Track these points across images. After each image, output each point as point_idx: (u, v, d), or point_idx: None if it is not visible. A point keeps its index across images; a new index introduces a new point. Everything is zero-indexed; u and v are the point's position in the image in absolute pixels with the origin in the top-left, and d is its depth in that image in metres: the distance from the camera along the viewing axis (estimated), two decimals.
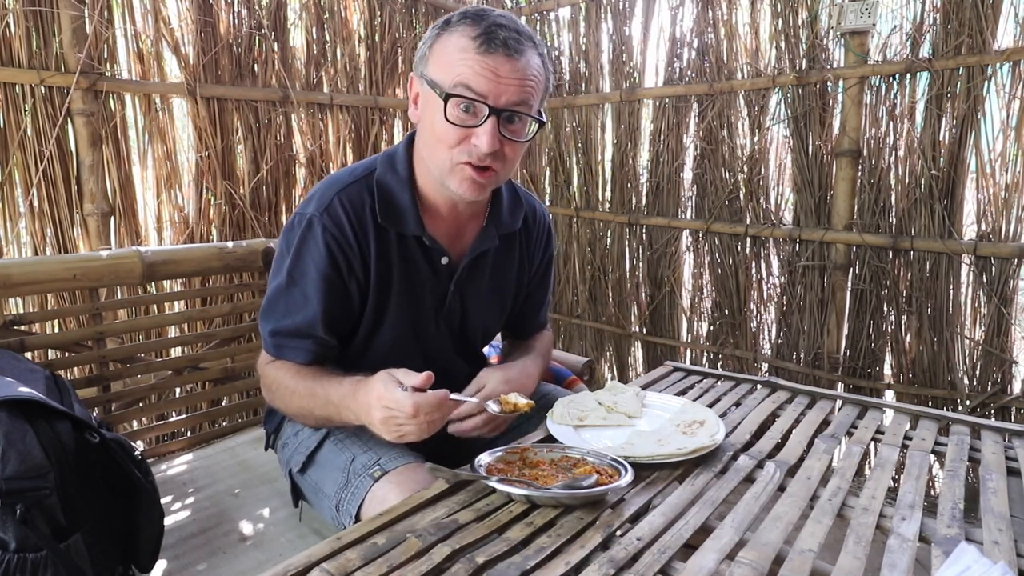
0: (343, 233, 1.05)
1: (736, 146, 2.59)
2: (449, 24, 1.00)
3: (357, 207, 1.07)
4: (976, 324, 2.17)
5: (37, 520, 0.86)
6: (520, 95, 0.98)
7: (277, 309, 1.09)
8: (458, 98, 0.96)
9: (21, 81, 1.82)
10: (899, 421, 1.17)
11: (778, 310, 2.60)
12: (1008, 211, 2.04)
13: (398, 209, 1.09)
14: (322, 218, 1.05)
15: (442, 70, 0.98)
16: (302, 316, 1.07)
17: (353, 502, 1.02)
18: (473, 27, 0.97)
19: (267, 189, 2.42)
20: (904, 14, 2.15)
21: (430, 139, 1.03)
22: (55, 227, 1.93)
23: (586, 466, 0.92)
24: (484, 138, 0.97)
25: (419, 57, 1.05)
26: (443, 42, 0.99)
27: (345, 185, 1.08)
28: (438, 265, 1.14)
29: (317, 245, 1.05)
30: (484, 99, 0.96)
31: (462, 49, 0.96)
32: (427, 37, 1.03)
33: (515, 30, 0.98)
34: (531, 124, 1.03)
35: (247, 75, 2.31)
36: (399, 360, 1.08)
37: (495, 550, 0.73)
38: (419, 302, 1.15)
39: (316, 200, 1.07)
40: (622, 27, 2.84)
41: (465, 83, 0.96)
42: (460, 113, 0.98)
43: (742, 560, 0.73)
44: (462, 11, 1.00)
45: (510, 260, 1.25)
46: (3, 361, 1.14)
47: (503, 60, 0.96)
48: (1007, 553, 0.76)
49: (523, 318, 1.35)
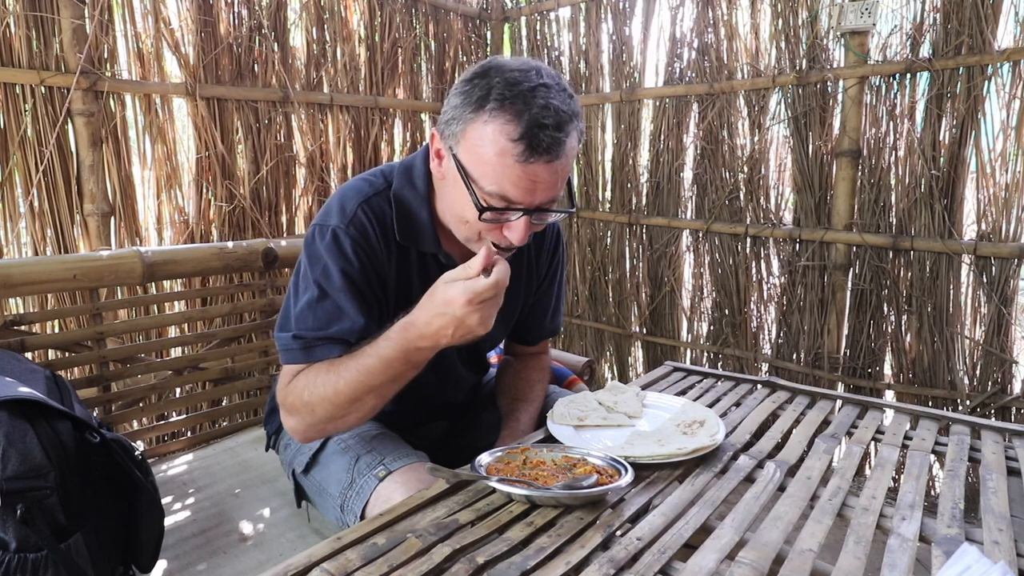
0: (369, 243, 1.03)
1: (736, 146, 2.59)
2: (486, 104, 0.88)
3: (380, 218, 1.05)
4: (976, 324, 2.18)
5: (37, 520, 0.86)
6: (554, 193, 0.94)
7: (306, 322, 1.01)
8: (495, 209, 0.92)
9: (21, 81, 1.82)
10: (899, 421, 1.17)
11: (778, 310, 2.60)
12: (1008, 211, 2.04)
13: (416, 226, 1.07)
14: (348, 229, 1.02)
15: (477, 168, 0.90)
16: (337, 327, 1.00)
17: (358, 502, 1.02)
18: (514, 124, 0.87)
19: (267, 189, 2.42)
20: (904, 14, 2.15)
21: (456, 215, 0.99)
22: (55, 227, 1.93)
23: (586, 466, 0.92)
24: (516, 236, 0.94)
25: (447, 124, 0.94)
26: (479, 131, 0.89)
27: (367, 197, 1.05)
28: None
29: (346, 256, 1.01)
30: (520, 205, 0.92)
31: (501, 154, 0.88)
32: (459, 108, 0.92)
33: (557, 125, 0.88)
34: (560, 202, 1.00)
35: (247, 75, 2.31)
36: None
37: (495, 550, 0.73)
38: None
39: (337, 212, 1.04)
40: (622, 27, 2.84)
41: (503, 194, 0.90)
42: (495, 215, 0.93)
43: (742, 560, 0.73)
44: (500, 91, 0.88)
45: (517, 271, 1.23)
46: (3, 361, 1.14)
47: (543, 167, 0.89)
48: (1007, 553, 0.76)
49: (528, 326, 1.34)
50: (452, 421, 1.37)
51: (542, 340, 1.38)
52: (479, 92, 0.89)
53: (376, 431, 1.14)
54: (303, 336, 1.00)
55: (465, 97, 0.91)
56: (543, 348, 1.41)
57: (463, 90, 0.92)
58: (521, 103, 0.87)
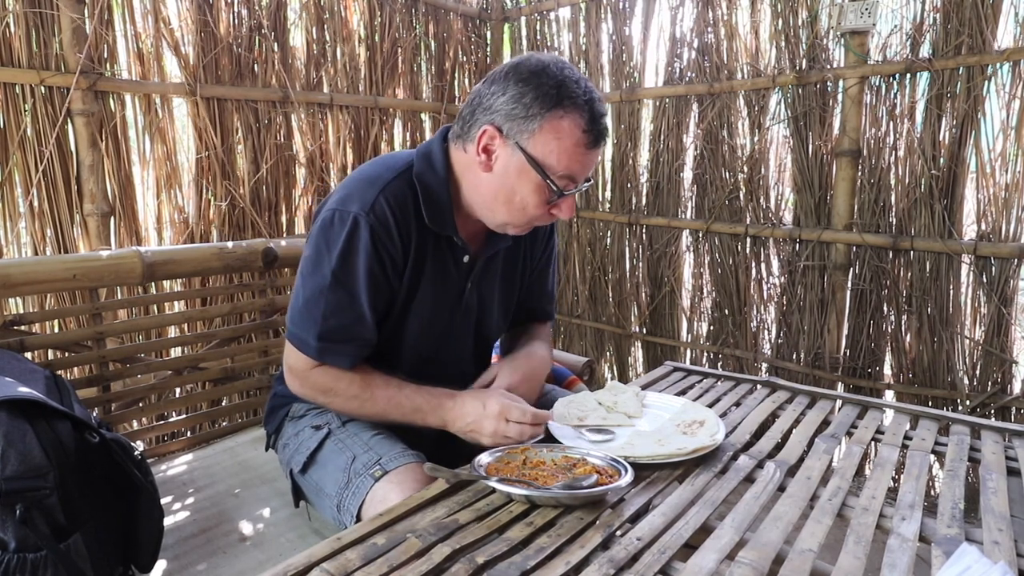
0: (389, 232, 1.06)
1: (736, 146, 2.59)
2: (560, 105, 1.00)
3: (401, 204, 1.07)
4: (976, 324, 2.17)
5: (37, 520, 0.86)
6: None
7: (317, 310, 1.06)
8: (564, 187, 1.04)
9: (21, 81, 1.82)
10: (899, 421, 1.17)
11: (778, 310, 2.60)
12: (1008, 211, 2.04)
13: (439, 208, 1.10)
14: (368, 217, 1.03)
15: (552, 156, 1.01)
16: (350, 316, 1.06)
17: (354, 501, 1.02)
18: (584, 119, 1.01)
19: (267, 189, 2.42)
20: (904, 14, 2.15)
21: (508, 202, 1.06)
22: (55, 227, 1.93)
23: (586, 466, 0.92)
24: (567, 210, 1.08)
25: (512, 119, 1.02)
26: (555, 125, 1.00)
27: (387, 182, 1.07)
28: (461, 263, 1.16)
29: (364, 245, 1.04)
30: (575, 186, 1.06)
31: (576, 143, 1.01)
32: (530, 105, 1.01)
33: (605, 114, 1.05)
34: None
35: (247, 75, 2.31)
36: (419, 355, 1.15)
37: (495, 550, 0.73)
38: (443, 298, 1.17)
39: (358, 198, 1.05)
40: (622, 27, 2.84)
41: (572, 176, 1.04)
42: (559, 197, 1.05)
43: (742, 560, 0.73)
44: (569, 92, 1.00)
45: (516, 255, 1.27)
46: (3, 361, 1.14)
47: (598, 151, 1.06)
48: (1007, 553, 0.76)
49: (523, 308, 1.36)
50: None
51: (540, 320, 1.40)
52: (550, 93, 1.00)
53: (375, 431, 1.14)
54: (322, 336, 1.06)
55: (533, 97, 1.00)
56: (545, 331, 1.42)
57: (522, 91, 1.01)
58: (583, 99, 1.01)
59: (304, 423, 1.21)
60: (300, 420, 1.23)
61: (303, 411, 1.24)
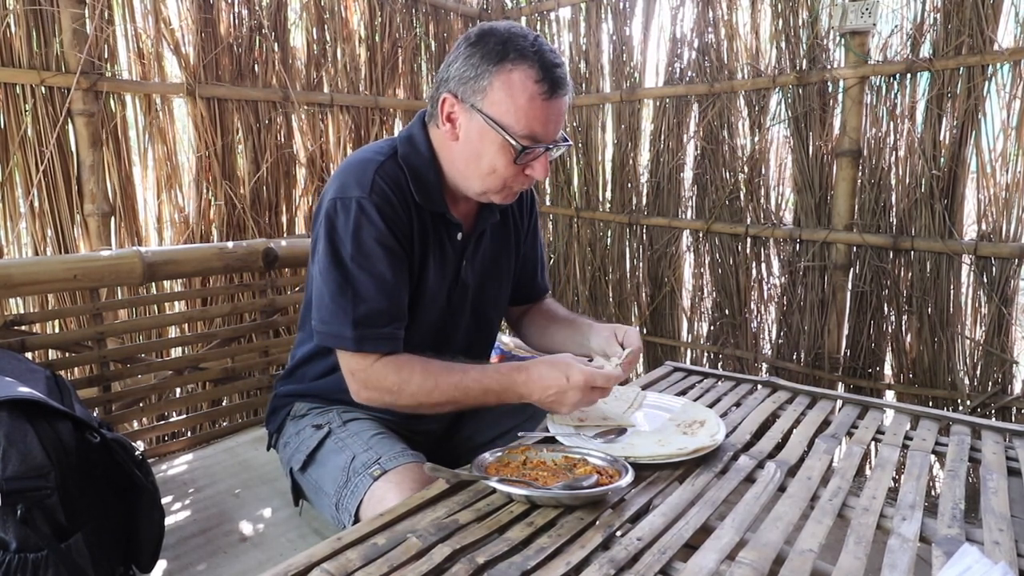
0: (393, 208, 1.06)
1: (736, 146, 2.59)
2: (505, 59, 1.00)
3: (397, 183, 1.08)
4: (976, 324, 2.17)
5: (38, 520, 0.86)
6: (561, 127, 1.07)
7: (346, 300, 1.05)
8: (529, 144, 1.02)
9: (21, 81, 1.82)
10: (899, 421, 1.17)
11: (778, 310, 2.60)
12: (1008, 211, 2.04)
13: (428, 187, 1.11)
14: (371, 198, 1.05)
15: (508, 115, 1.01)
16: (381, 296, 1.05)
17: (353, 501, 1.02)
18: (535, 69, 1.00)
19: (267, 189, 2.42)
20: (904, 14, 2.15)
21: (477, 168, 1.06)
22: (55, 227, 1.93)
23: (586, 466, 0.92)
24: (541, 171, 1.07)
25: (464, 83, 1.03)
26: (504, 81, 1.00)
27: (379, 164, 1.08)
28: (455, 240, 1.17)
29: (375, 224, 1.04)
30: (543, 143, 1.04)
31: (530, 97, 1.00)
32: (477, 67, 1.01)
33: (560, 63, 1.02)
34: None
35: (247, 75, 2.31)
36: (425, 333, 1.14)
37: (495, 550, 0.73)
38: (444, 276, 1.17)
39: (355, 184, 1.06)
40: (622, 27, 2.84)
41: (534, 134, 1.02)
42: (527, 155, 1.04)
43: (742, 560, 0.73)
44: (515, 45, 1.00)
45: (505, 230, 1.28)
46: (3, 361, 1.14)
47: (559, 101, 1.03)
48: (1008, 553, 0.76)
49: (524, 280, 1.37)
50: (452, 417, 1.37)
51: (541, 295, 1.41)
52: (495, 49, 1.00)
53: (375, 430, 1.14)
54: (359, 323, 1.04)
55: (480, 57, 1.01)
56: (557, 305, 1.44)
57: (470, 52, 1.02)
58: (531, 50, 1.00)
59: (305, 422, 1.21)
60: (302, 419, 1.23)
61: (305, 410, 1.24)
